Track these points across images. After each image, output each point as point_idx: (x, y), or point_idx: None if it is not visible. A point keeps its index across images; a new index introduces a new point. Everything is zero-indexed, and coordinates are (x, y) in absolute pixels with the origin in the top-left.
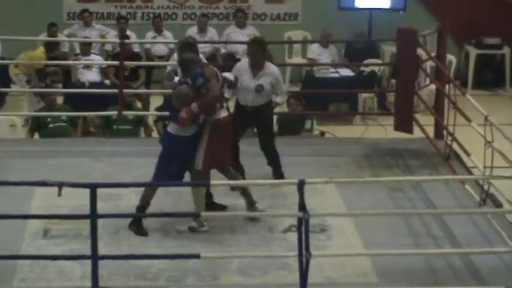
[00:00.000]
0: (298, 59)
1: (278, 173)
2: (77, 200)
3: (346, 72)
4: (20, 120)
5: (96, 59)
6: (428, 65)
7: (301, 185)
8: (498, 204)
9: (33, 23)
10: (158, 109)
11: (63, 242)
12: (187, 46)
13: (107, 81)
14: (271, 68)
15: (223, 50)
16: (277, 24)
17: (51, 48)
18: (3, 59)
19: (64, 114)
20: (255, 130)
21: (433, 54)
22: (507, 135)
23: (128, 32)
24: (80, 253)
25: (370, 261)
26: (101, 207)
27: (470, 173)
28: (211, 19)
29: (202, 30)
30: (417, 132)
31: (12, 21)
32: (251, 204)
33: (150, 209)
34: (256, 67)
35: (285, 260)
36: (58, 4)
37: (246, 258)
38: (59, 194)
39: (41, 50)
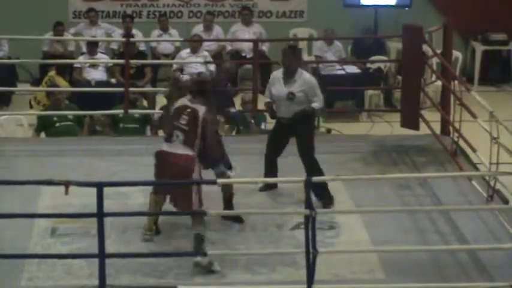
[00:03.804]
0: (304, 57)
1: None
2: (84, 199)
3: (352, 69)
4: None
5: (102, 57)
6: (435, 61)
7: (308, 183)
8: (505, 200)
9: (39, 22)
10: (162, 108)
11: (70, 240)
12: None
13: (113, 80)
14: (303, 75)
15: (229, 48)
16: (283, 22)
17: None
18: (9, 58)
19: (70, 113)
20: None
21: (439, 51)
22: None
23: (134, 31)
24: (87, 251)
25: (377, 257)
26: (109, 206)
27: (477, 169)
28: (217, 17)
29: (207, 28)
30: (423, 129)
31: (18, 21)
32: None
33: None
34: (287, 75)
35: (293, 257)
36: (64, 3)
37: (253, 255)
38: (66, 193)
39: (62, 79)
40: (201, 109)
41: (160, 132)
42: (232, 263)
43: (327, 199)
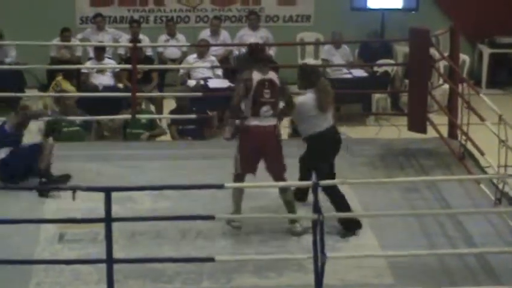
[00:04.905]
0: (310, 61)
1: None
2: (92, 203)
3: (359, 72)
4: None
5: (110, 63)
6: (442, 64)
7: (315, 187)
8: None
9: (46, 28)
10: (172, 112)
11: (78, 246)
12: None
13: (120, 85)
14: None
15: (236, 53)
16: (290, 26)
17: (71, 75)
18: (17, 64)
19: (78, 118)
20: None
21: (446, 54)
22: None
23: (141, 36)
24: (95, 257)
25: (385, 262)
26: (116, 211)
27: (485, 173)
28: (224, 22)
29: (214, 32)
30: (431, 132)
31: (26, 27)
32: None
33: (166, 212)
34: None
35: (301, 262)
36: (71, 8)
37: (261, 260)
38: (73, 199)
39: (69, 84)
40: (274, 76)
41: (167, 137)
42: (240, 267)
43: (351, 228)
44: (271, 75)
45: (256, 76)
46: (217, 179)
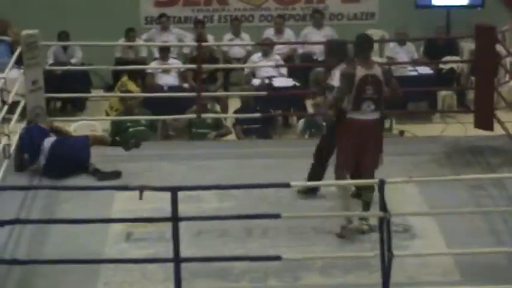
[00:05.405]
0: (375, 59)
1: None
2: (158, 203)
3: (424, 70)
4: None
5: (174, 63)
6: (508, 61)
7: (381, 185)
8: None
9: (112, 29)
10: (236, 112)
11: (145, 245)
12: None
13: (186, 85)
14: None
15: (300, 51)
16: (354, 24)
17: (136, 76)
18: (82, 64)
19: (143, 118)
20: None
21: None
22: None
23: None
24: (162, 255)
25: (453, 260)
26: (182, 210)
27: None
28: (288, 20)
29: (279, 31)
30: (498, 129)
31: (91, 28)
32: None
33: (232, 211)
34: None
35: (367, 260)
36: (135, 9)
37: (327, 258)
38: (140, 198)
39: (133, 84)
40: (377, 70)
41: (232, 136)
42: (307, 266)
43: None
44: (375, 70)
45: (360, 72)
46: (282, 178)
